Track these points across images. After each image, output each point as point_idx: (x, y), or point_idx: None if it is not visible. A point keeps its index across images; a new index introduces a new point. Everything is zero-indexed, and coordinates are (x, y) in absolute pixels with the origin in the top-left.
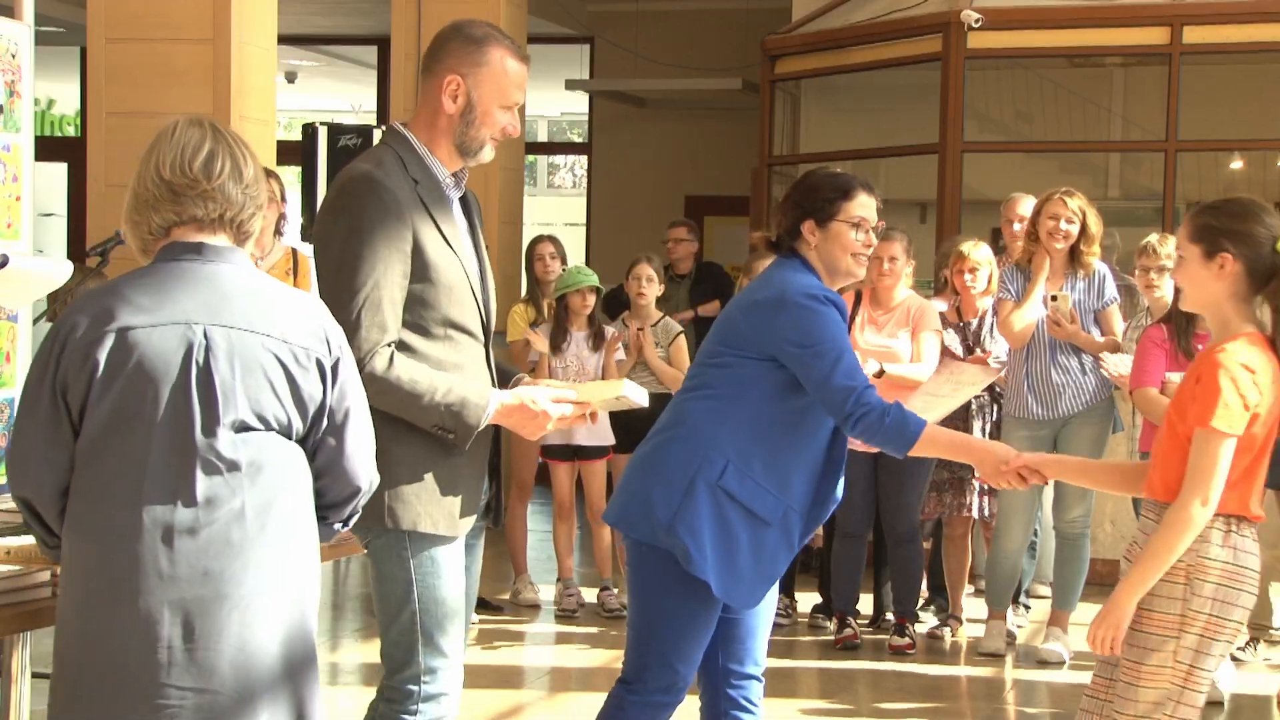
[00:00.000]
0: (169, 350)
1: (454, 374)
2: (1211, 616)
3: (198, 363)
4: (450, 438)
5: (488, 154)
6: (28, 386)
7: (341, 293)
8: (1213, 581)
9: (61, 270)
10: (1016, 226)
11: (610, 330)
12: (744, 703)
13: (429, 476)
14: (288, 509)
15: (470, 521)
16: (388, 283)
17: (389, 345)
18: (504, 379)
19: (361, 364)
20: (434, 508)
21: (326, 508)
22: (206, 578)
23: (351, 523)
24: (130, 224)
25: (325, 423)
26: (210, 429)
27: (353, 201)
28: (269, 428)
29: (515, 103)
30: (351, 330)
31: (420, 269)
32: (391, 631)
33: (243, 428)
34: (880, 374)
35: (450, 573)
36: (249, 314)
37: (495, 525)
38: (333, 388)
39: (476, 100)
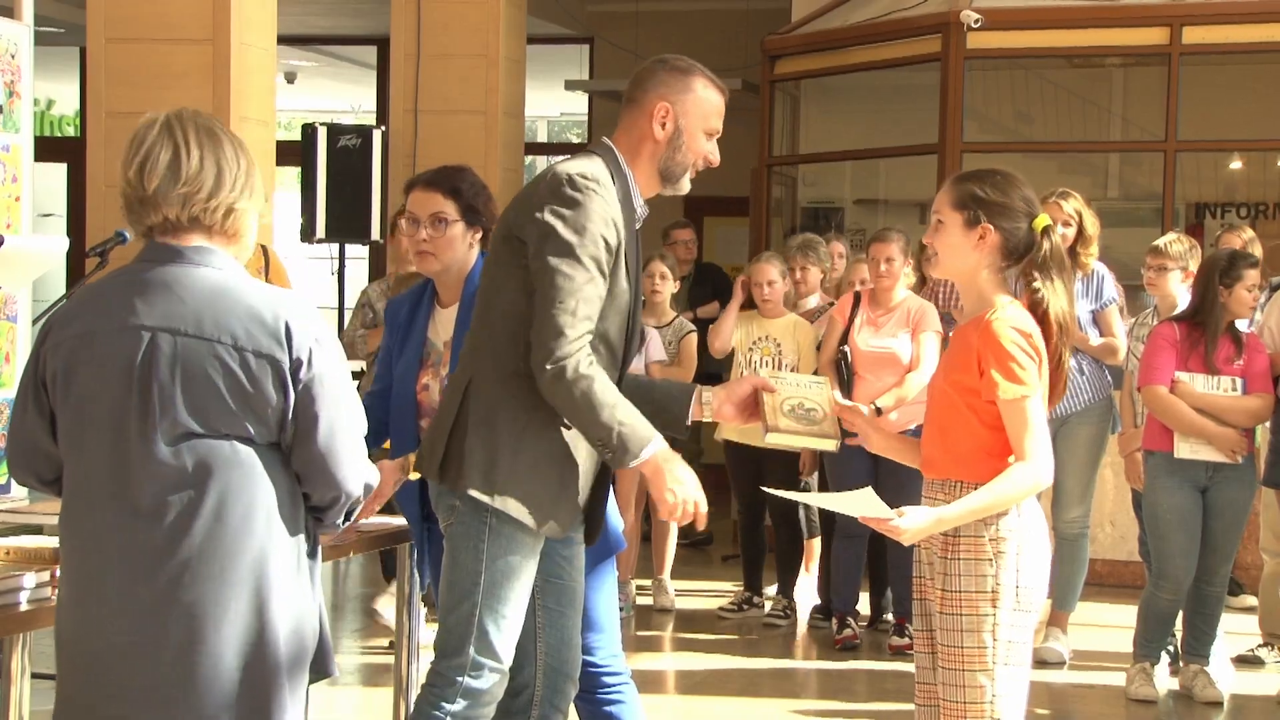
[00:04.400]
0: (116, 356)
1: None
2: (1019, 587)
3: (141, 370)
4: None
5: (686, 184)
6: (21, 379)
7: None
8: (1013, 552)
9: (58, 246)
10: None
11: None
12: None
13: (550, 476)
14: (241, 515)
15: (566, 528)
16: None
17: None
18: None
19: (566, 358)
20: (545, 504)
21: (315, 509)
22: (157, 582)
23: (352, 518)
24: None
25: (293, 427)
26: (147, 436)
27: (581, 197)
28: (220, 435)
29: (716, 130)
30: (570, 319)
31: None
32: (450, 618)
33: (186, 435)
34: (879, 411)
35: (521, 579)
36: (200, 319)
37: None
38: (295, 392)
39: (684, 126)
